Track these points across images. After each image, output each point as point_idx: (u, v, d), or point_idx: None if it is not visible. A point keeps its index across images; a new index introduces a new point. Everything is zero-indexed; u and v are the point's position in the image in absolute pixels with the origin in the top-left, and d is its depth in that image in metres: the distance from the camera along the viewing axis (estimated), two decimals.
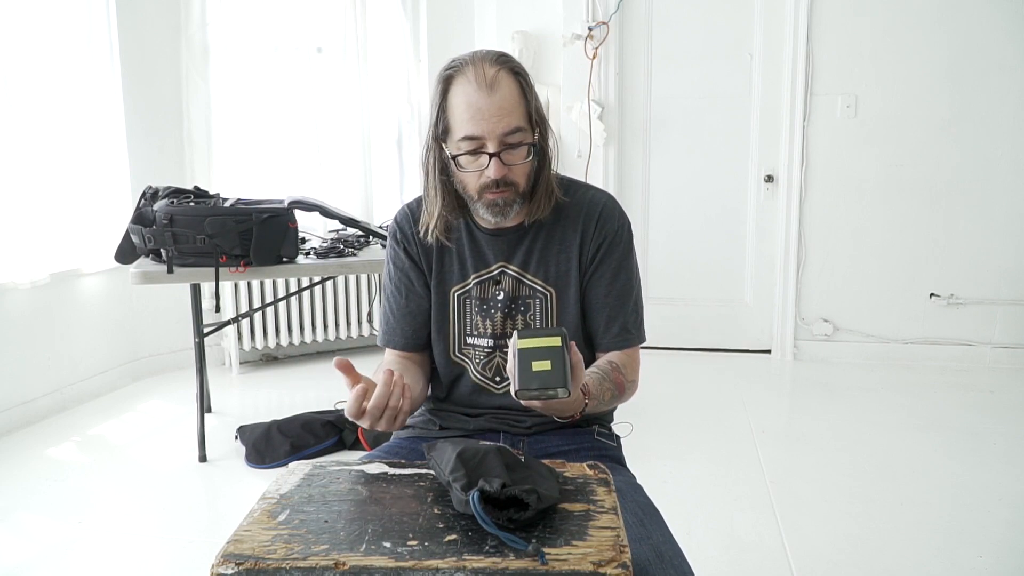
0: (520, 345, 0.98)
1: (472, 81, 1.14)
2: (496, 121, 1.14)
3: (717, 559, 1.98)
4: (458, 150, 1.17)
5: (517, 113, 1.16)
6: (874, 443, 2.76)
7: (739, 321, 4.01)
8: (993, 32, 3.51)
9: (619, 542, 0.82)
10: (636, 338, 1.29)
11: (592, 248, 1.26)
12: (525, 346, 0.98)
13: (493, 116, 1.14)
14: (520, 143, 1.17)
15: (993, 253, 3.67)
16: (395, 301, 1.31)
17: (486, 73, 1.15)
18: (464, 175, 1.20)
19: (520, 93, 1.17)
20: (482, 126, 1.14)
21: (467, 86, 1.15)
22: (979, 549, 2.00)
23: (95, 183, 3.34)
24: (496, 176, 1.16)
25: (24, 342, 3.03)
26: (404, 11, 4.03)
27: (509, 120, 1.15)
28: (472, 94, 1.14)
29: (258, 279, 3.13)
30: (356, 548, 0.81)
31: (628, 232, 1.30)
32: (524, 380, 0.96)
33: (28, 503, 2.37)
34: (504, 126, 1.14)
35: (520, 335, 0.99)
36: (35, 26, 3.02)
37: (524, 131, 1.17)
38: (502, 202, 1.19)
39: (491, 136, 1.14)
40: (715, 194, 3.94)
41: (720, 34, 3.81)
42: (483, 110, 1.14)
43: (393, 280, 1.32)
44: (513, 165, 1.17)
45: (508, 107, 1.15)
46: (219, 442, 2.79)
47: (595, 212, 1.27)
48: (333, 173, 3.92)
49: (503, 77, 1.16)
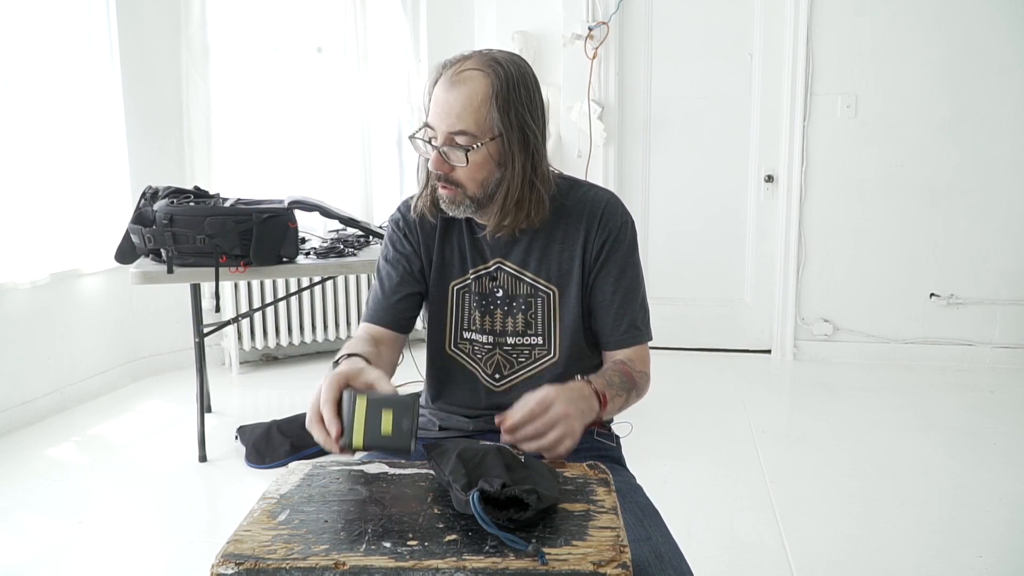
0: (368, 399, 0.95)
1: (445, 75, 1.17)
2: (444, 116, 1.15)
3: (717, 559, 1.98)
4: (420, 135, 1.20)
5: (468, 117, 1.14)
6: (874, 443, 2.76)
7: (739, 321, 4.01)
8: (993, 32, 3.51)
9: (619, 542, 0.82)
10: (645, 335, 1.29)
11: (596, 246, 1.26)
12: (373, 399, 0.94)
13: (443, 111, 1.16)
14: (464, 147, 1.15)
15: (993, 253, 3.67)
16: (389, 280, 1.30)
17: (460, 69, 1.16)
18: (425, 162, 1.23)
19: (483, 97, 1.14)
20: (434, 118, 1.17)
21: (442, 79, 1.17)
22: (979, 549, 2.00)
23: (95, 183, 3.34)
24: (433, 168, 1.18)
25: (24, 342, 3.03)
26: (404, 11, 4.03)
27: (455, 120, 1.15)
28: (440, 89, 1.17)
29: (258, 279, 3.13)
30: (356, 548, 0.81)
31: (632, 229, 1.29)
32: (370, 437, 0.93)
33: (28, 503, 2.37)
34: (448, 124, 1.15)
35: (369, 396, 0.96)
36: (35, 26, 3.02)
37: (470, 136, 1.15)
38: (447, 197, 1.20)
39: (438, 129, 1.17)
40: (715, 194, 3.94)
41: (720, 34, 3.81)
42: (439, 103, 1.16)
43: (390, 261, 1.31)
44: (454, 165, 1.17)
45: (459, 108, 1.14)
46: (219, 442, 2.79)
47: (598, 210, 1.26)
48: (333, 173, 3.92)
49: (472, 77, 1.15)
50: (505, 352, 1.27)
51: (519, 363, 1.27)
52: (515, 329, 1.27)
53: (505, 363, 1.28)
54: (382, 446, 0.93)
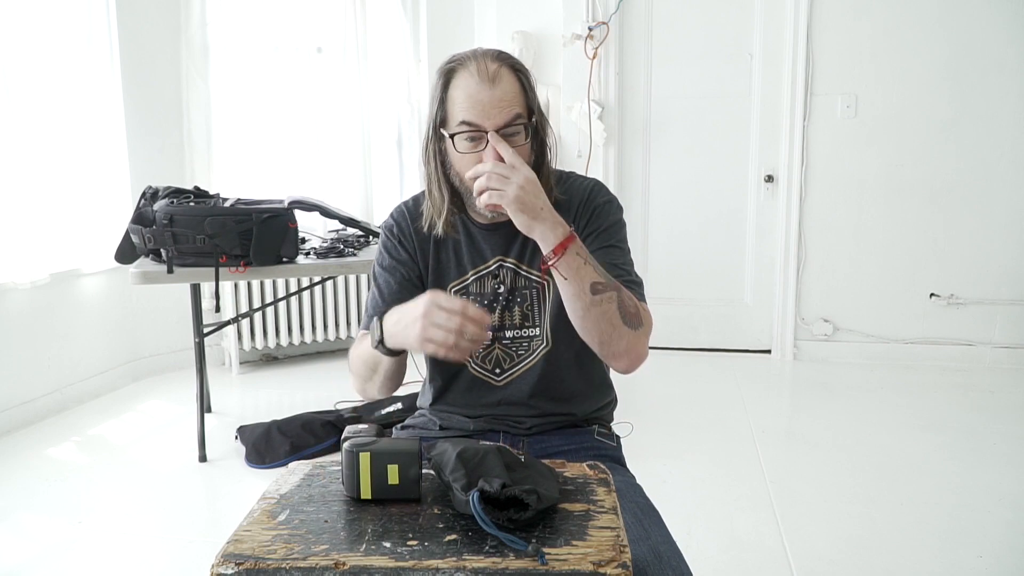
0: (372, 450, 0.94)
1: (474, 74, 1.16)
2: (496, 112, 1.15)
3: (717, 559, 1.98)
4: (455, 136, 1.18)
5: (517, 104, 1.17)
6: (874, 443, 2.76)
7: (739, 321, 4.00)
8: (993, 32, 3.51)
9: (619, 542, 0.82)
10: (640, 289, 1.25)
11: (581, 225, 1.27)
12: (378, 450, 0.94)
13: (494, 108, 1.15)
14: (517, 131, 1.17)
15: (993, 253, 3.67)
16: (388, 288, 1.29)
17: (488, 68, 1.16)
18: (461, 159, 1.19)
19: (520, 89, 1.19)
20: (482, 117, 1.15)
21: (469, 79, 1.16)
22: (979, 549, 2.00)
23: (95, 183, 3.34)
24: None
25: (24, 342, 3.03)
26: (404, 11, 4.03)
27: (509, 111, 1.16)
28: (473, 86, 1.15)
29: (258, 279, 3.13)
30: (356, 548, 0.81)
31: (616, 207, 1.30)
32: (377, 489, 0.93)
33: (28, 503, 2.37)
34: (504, 117, 1.15)
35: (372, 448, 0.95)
36: (35, 26, 3.02)
37: (523, 118, 1.18)
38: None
39: (488, 125, 1.15)
40: (715, 194, 3.94)
41: (720, 34, 3.81)
42: (483, 102, 1.15)
43: (387, 268, 1.31)
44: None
45: (508, 100, 1.16)
46: (219, 442, 2.79)
47: (584, 195, 1.29)
48: (333, 173, 3.92)
49: (504, 72, 1.17)
50: (504, 346, 1.28)
51: (518, 356, 1.28)
52: (512, 322, 1.27)
53: (504, 357, 1.28)
54: (390, 496, 0.93)
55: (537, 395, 1.27)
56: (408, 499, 0.93)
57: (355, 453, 0.93)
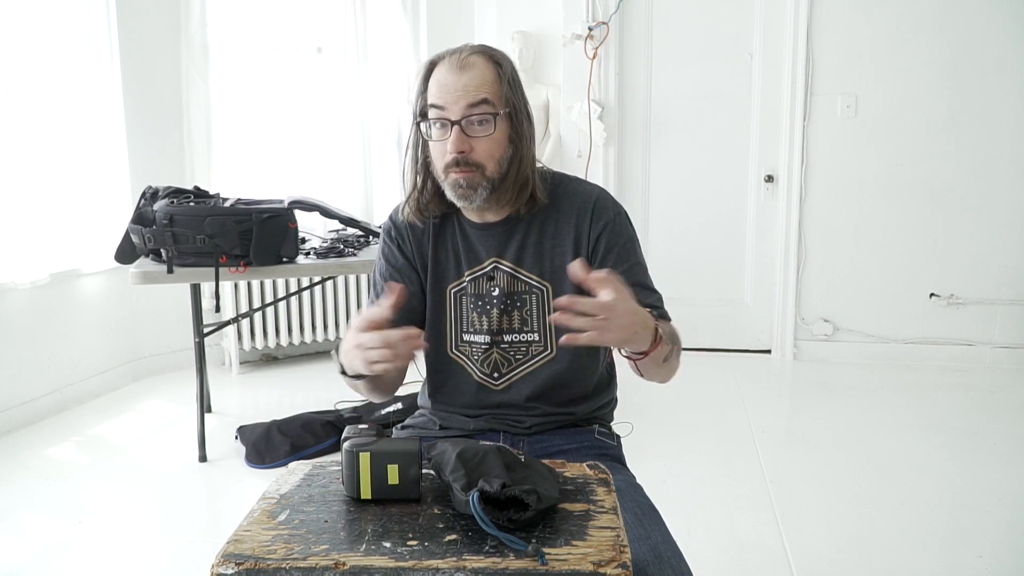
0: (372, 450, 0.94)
1: (447, 63, 1.18)
2: (462, 96, 1.16)
3: (717, 559, 1.98)
4: (428, 122, 1.19)
5: (485, 89, 1.17)
6: (874, 443, 2.76)
7: (739, 321, 4.01)
8: (993, 32, 3.51)
9: (619, 542, 0.82)
10: (662, 302, 1.28)
11: (591, 242, 1.25)
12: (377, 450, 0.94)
13: (459, 91, 1.16)
14: (487, 115, 1.17)
15: (993, 253, 3.67)
16: (386, 299, 1.29)
17: (461, 56, 1.18)
18: (434, 149, 1.21)
19: (495, 78, 1.19)
20: (446, 97, 1.16)
21: (443, 68, 1.19)
22: (979, 549, 2.00)
23: (95, 183, 3.34)
24: (455, 149, 1.16)
25: (24, 342, 3.03)
26: (404, 11, 4.03)
27: (475, 92, 1.16)
28: (445, 75, 1.18)
29: (258, 279, 3.13)
30: (356, 548, 0.81)
31: (626, 219, 1.29)
32: (377, 489, 0.93)
33: (28, 503, 2.37)
34: (468, 98, 1.16)
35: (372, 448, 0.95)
36: (35, 26, 3.02)
37: (490, 105, 1.17)
38: (465, 182, 1.18)
39: (453, 108, 1.16)
40: (715, 194, 3.94)
41: (720, 34, 3.81)
42: (449, 85, 1.17)
43: (385, 275, 1.31)
44: (475, 138, 1.17)
45: (475, 86, 1.17)
46: (219, 442, 2.79)
47: (588, 204, 1.26)
48: (333, 173, 3.92)
49: (477, 60, 1.18)
50: (502, 350, 1.27)
51: (516, 360, 1.27)
52: (511, 327, 1.27)
53: (503, 361, 1.28)
54: (390, 496, 0.93)
55: (537, 398, 1.27)
56: (408, 499, 0.93)
57: (355, 453, 0.93)
